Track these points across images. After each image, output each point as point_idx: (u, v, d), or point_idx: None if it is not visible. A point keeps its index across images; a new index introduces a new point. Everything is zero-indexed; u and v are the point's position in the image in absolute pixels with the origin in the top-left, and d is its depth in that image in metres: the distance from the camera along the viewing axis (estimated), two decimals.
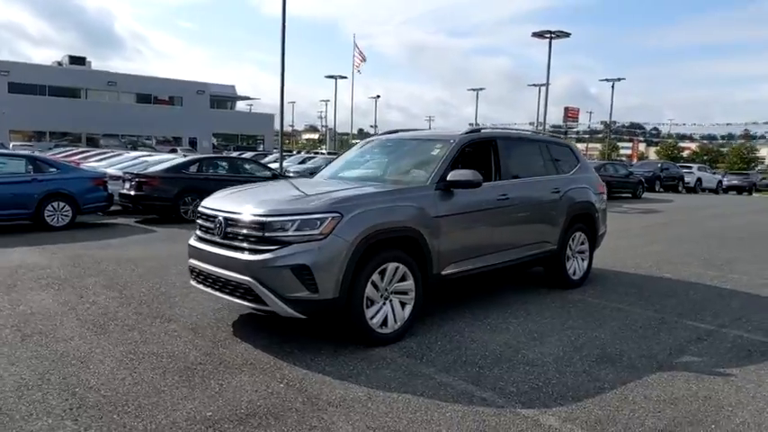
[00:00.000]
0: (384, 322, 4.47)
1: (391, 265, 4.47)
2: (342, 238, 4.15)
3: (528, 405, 3.47)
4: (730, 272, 7.81)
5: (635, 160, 57.24)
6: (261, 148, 52.98)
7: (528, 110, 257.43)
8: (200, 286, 4.80)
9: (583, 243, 6.68)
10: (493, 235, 5.45)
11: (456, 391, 3.64)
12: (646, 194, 24.47)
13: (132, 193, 12.24)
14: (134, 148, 31.28)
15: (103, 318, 5.07)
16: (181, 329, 4.80)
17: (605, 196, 7.21)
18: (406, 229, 4.56)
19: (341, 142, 69.84)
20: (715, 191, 32.92)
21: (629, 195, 22.71)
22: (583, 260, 6.70)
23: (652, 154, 67.95)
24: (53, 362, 4.01)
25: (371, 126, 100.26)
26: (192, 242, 4.91)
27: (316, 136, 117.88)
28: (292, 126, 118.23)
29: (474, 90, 71.37)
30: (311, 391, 3.60)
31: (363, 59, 45.41)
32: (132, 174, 12.44)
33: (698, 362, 4.29)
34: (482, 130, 5.79)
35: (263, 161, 20.99)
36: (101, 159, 18.14)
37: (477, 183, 4.95)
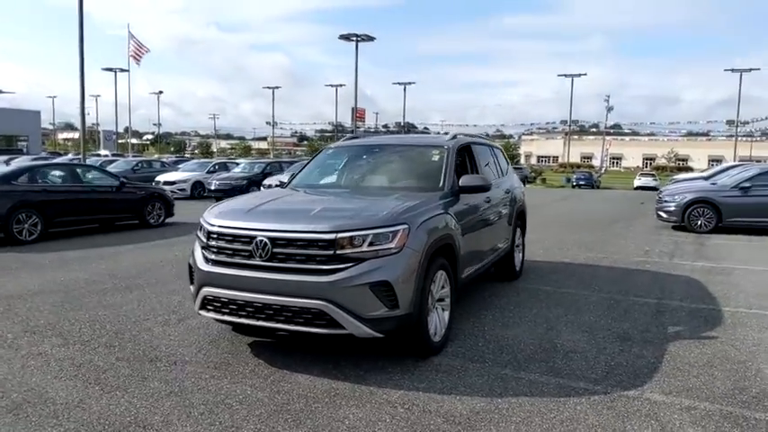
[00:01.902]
0: (435, 331, 4.45)
1: (439, 273, 4.47)
2: (413, 250, 4.04)
3: (624, 387, 3.84)
4: (606, 253, 9.31)
5: None
6: (25, 150, 45.25)
7: (307, 107, 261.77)
8: (229, 318, 4.20)
9: (519, 237, 7.36)
10: (486, 236, 5.74)
11: (556, 387, 3.85)
12: None
13: None
14: None
15: (84, 370, 4.10)
16: (203, 369, 4.14)
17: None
18: (449, 236, 4.59)
19: (115, 143, 63.40)
20: None
21: None
22: (518, 252, 7.38)
23: None
24: None
25: (155, 124, 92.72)
26: (207, 267, 4.24)
27: (75, 135, 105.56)
28: (53, 124, 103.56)
29: (270, 88, 71.04)
30: (436, 410, 3.48)
31: (139, 53, 41.75)
32: None
33: (683, 331, 5.15)
34: (458, 136, 6.02)
35: None
36: None
37: (488, 187, 5.18)
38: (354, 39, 37.60)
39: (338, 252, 3.87)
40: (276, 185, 17.29)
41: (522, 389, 3.81)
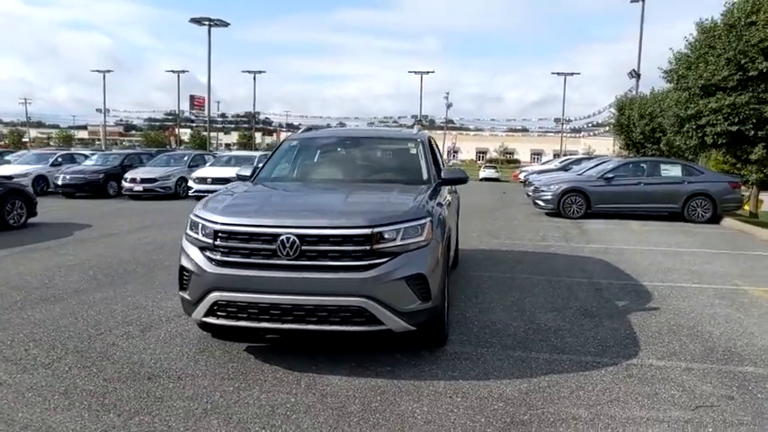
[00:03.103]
0: None
1: None
2: (437, 242, 4.10)
3: (625, 357, 4.31)
4: (510, 239, 10.11)
5: None
6: None
7: (133, 94, 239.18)
8: (245, 323, 3.90)
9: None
10: (452, 225, 5.95)
11: (571, 363, 4.18)
12: None
13: None
14: None
15: (77, 397, 3.52)
16: (220, 381, 3.79)
17: None
18: (449, 228, 4.72)
19: None
20: None
21: None
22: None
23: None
24: None
25: None
26: (216, 270, 3.87)
27: None
28: None
29: (101, 72, 64.32)
30: (489, 395, 3.60)
31: None
32: None
33: (629, 305, 5.85)
34: (421, 130, 6.13)
35: None
36: None
37: (466, 179, 5.39)
38: (207, 23, 35.51)
39: (375, 247, 3.79)
40: (206, 179, 15.88)
41: (545, 367, 4.08)
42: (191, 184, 17.22)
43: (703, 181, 12.95)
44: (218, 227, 3.93)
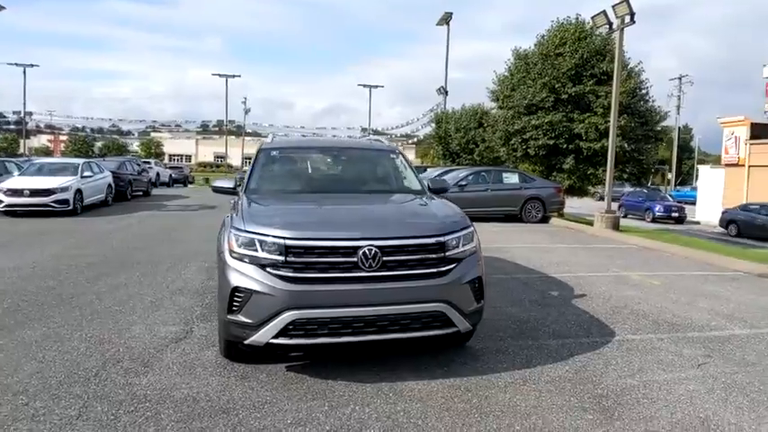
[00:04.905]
0: None
1: None
2: (480, 247, 4.48)
3: (608, 335, 5.18)
4: None
5: (57, 155, 54.35)
6: None
7: None
8: (324, 339, 3.83)
9: None
10: None
11: (577, 345, 4.89)
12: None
13: None
14: None
15: None
16: (303, 404, 3.66)
17: None
18: None
19: None
20: (167, 184, 35.84)
21: (142, 193, 22.69)
22: None
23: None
24: None
25: None
26: (291, 287, 3.72)
27: None
28: None
29: None
30: (550, 379, 4.10)
31: None
32: None
33: (563, 294, 6.86)
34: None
35: None
36: None
37: (448, 189, 5.82)
38: None
39: (448, 253, 4.03)
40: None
41: (563, 350, 4.73)
42: (0, 197, 14.44)
43: (536, 187, 15.26)
44: (290, 242, 3.76)
